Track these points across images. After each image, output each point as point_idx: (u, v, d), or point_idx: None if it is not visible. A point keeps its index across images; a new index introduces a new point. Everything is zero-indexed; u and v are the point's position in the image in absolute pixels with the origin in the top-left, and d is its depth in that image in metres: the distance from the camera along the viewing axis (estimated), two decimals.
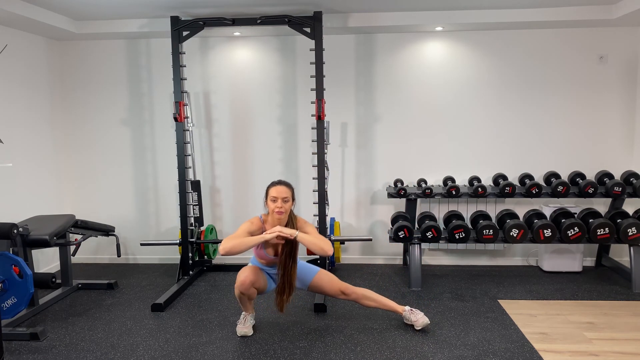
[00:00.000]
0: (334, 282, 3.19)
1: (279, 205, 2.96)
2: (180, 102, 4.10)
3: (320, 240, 2.94)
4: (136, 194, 4.86)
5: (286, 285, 3.03)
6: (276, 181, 3.06)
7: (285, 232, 2.91)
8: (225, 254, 2.80)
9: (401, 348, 2.91)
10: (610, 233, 3.75)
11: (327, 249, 2.90)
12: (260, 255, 3.11)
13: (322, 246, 2.90)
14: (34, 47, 4.43)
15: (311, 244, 2.90)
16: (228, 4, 3.87)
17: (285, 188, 3.01)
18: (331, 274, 3.24)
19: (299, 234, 2.93)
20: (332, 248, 2.93)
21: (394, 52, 4.56)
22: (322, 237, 3.00)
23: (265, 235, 2.90)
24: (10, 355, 2.90)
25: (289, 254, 3.02)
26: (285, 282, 3.03)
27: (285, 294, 3.04)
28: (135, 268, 4.74)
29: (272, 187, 3.02)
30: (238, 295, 3.08)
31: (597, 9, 4.07)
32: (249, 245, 2.85)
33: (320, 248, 2.89)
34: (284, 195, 2.97)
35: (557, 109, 4.51)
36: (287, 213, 3.01)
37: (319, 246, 2.90)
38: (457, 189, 4.10)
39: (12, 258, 3.00)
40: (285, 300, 3.05)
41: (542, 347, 2.90)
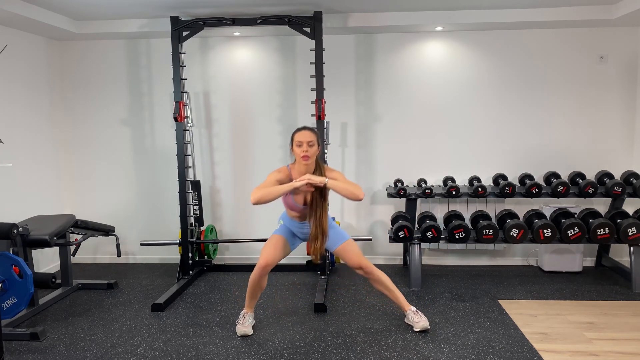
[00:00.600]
0: (357, 254, 3.12)
1: (304, 149, 2.92)
2: (180, 102, 4.10)
3: (351, 184, 2.90)
4: (136, 194, 4.86)
5: (318, 232, 2.99)
6: (300, 127, 3.04)
7: (315, 179, 2.87)
8: (255, 203, 2.80)
9: (401, 348, 2.91)
10: (610, 233, 3.75)
11: (359, 193, 2.85)
12: (290, 205, 3.05)
13: (354, 191, 2.86)
14: (34, 47, 4.43)
15: (342, 189, 2.87)
16: (228, 4, 3.87)
17: (310, 132, 2.97)
18: (357, 247, 3.17)
19: (329, 181, 2.89)
20: (363, 193, 2.88)
21: (394, 52, 4.56)
22: (352, 182, 2.93)
23: (295, 183, 2.86)
24: (10, 355, 2.90)
25: (319, 201, 2.97)
26: (317, 228, 2.98)
27: (318, 240, 3.00)
28: (135, 268, 4.74)
29: (297, 133, 2.99)
30: (256, 278, 3.06)
31: (597, 9, 4.07)
32: (278, 193, 2.84)
33: (352, 192, 2.85)
34: (308, 139, 2.93)
35: (557, 109, 4.51)
36: (313, 158, 2.97)
37: (350, 191, 2.86)
38: (457, 189, 4.10)
39: (12, 258, 3.00)
40: (319, 248, 3.00)
41: (542, 347, 2.90)
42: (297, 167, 3.02)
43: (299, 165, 3.00)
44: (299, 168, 3.01)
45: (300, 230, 3.18)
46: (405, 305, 3.21)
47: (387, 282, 3.18)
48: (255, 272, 3.09)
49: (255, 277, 3.09)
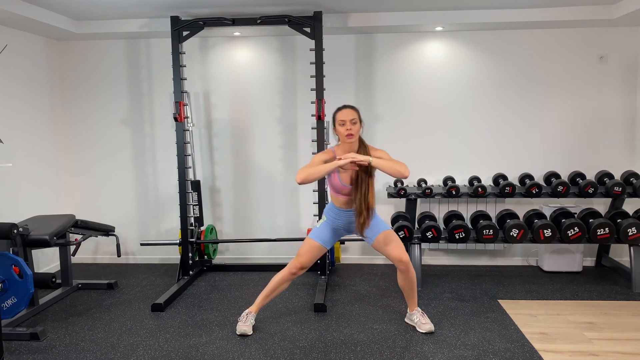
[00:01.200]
0: (402, 247, 3.07)
1: (348, 127, 2.89)
2: (180, 102, 4.10)
3: (396, 162, 2.86)
4: (136, 193, 4.86)
5: (363, 207, 2.95)
6: (341, 106, 2.99)
7: (359, 157, 2.84)
8: (301, 182, 2.80)
9: (401, 348, 2.91)
10: (610, 233, 3.75)
11: (404, 170, 2.82)
12: (337, 185, 3.00)
13: (399, 168, 2.83)
14: (34, 47, 4.43)
15: (387, 167, 2.83)
16: (228, 4, 3.87)
17: (351, 110, 2.94)
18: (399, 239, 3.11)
19: (373, 159, 2.85)
20: (409, 170, 2.85)
21: (394, 52, 4.56)
22: (397, 160, 2.91)
23: (339, 161, 2.83)
24: (10, 355, 2.90)
25: (364, 178, 2.94)
26: (362, 203, 2.94)
27: (362, 215, 2.96)
28: (135, 268, 4.74)
29: (338, 112, 2.96)
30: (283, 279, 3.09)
31: (597, 9, 4.07)
32: (323, 171, 2.83)
33: (397, 170, 2.82)
34: (351, 117, 2.90)
35: (558, 108, 4.51)
36: (357, 136, 2.94)
37: (396, 169, 2.83)
38: (457, 189, 4.10)
39: (12, 258, 3.00)
40: (363, 223, 2.97)
41: (542, 347, 2.90)
42: (342, 146, 3.00)
43: (343, 145, 2.98)
44: (343, 147, 2.99)
45: (347, 219, 3.09)
46: (414, 305, 3.21)
47: (414, 282, 3.16)
48: (284, 273, 3.11)
49: (283, 278, 3.12)
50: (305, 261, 3.09)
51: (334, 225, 3.14)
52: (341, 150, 2.99)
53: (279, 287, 3.17)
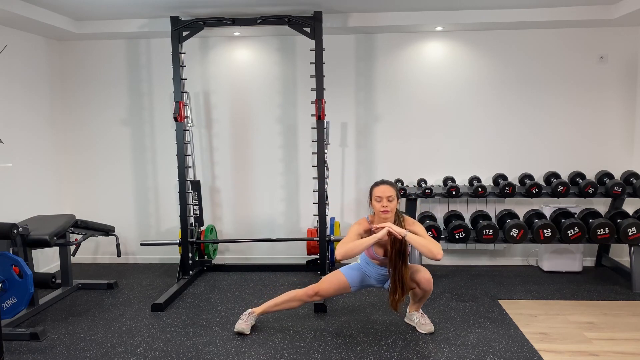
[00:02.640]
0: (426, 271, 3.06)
1: (384, 204, 2.91)
2: (180, 102, 4.10)
3: (430, 242, 2.85)
4: (136, 194, 4.86)
5: (398, 285, 2.96)
6: (379, 181, 3.02)
7: (395, 229, 2.86)
8: (341, 259, 2.85)
9: (401, 348, 2.91)
10: (610, 233, 3.75)
11: (436, 252, 2.80)
12: (371, 255, 3.07)
13: (432, 249, 2.81)
14: (34, 47, 4.43)
15: (421, 245, 2.83)
16: (228, 4, 3.87)
17: (389, 187, 2.95)
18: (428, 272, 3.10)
19: (409, 234, 2.86)
20: (442, 252, 2.83)
21: (394, 52, 4.56)
22: (432, 239, 2.90)
23: (377, 235, 2.87)
24: (10, 355, 2.90)
25: (398, 253, 2.95)
26: (397, 282, 2.96)
27: (397, 293, 2.97)
28: (135, 268, 4.74)
29: (376, 187, 2.98)
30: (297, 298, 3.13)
31: (597, 9, 4.07)
32: (362, 247, 2.86)
33: (430, 251, 2.81)
34: (388, 194, 2.92)
35: (557, 109, 4.51)
36: (393, 212, 2.96)
37: (429, 249, 2.82)
38: (457, 189, 4.10)
39: (12, 258, 3.00)
40: (398, 299, 2.97)
41: (542, 347, 2.90)
42: (377, 219, 3.01)
43: (378, 219, 2.99)
44: (378, 221, 2.99)
45: (377, 272, 3.14)
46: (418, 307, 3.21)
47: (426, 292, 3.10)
48: (300, 292, 3.13)
49: (296, 295, 3.14)
50: (324, 289, 3.11)
51: (366, 271, 3.17)
52: (376, 223, 2.99)
53: (290, 303, 3.16)
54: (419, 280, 3.04)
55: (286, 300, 3.17)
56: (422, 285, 3.04)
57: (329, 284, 3.13)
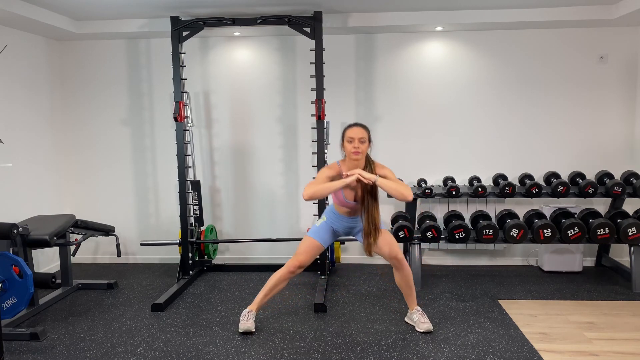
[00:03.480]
0: (395, 245, 3.13)
1: (355, 145, 2.92)
2: (180, 102, 4.10)
3: (401, 185, 2.90)
4: (136, 194, 4.85)
5: (371, 228, 3.00)
6: (352, 123, 3.03)
7: (365, 175, 2.87)
8: (308, 199, 2.85)
9: (401, 348, 2.91)
10: (610, 233, 3.75)
11: (407, 194, 2.87)
12: (341, 201, 3.05)
13: (402, 191, 2.87)
14: (34, 47, 4.43)
15: (391, 189, 2.88)
16: (228, 4, 3.87)
17: (361, 129, 2.96)
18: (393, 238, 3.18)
19: (379, 179, 2.89)
20: (412, 194, 2.89)
21: (394, 52, 4.56)
22: (402, 182, 2.94)
23: (346, 180, 2.87)
24: (10, 355, 2.90)
25: (370, 196, 2.98)
26: (370, 225, 2.99)
27: (371, 236, 3.01)
28: (135, 268, 4.74)
29: (348, 129, 2.98)
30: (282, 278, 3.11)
31: (597, 9, 4.07)
32: (330, 190, 2.87)
33: (401, 193, 2.86)
34: (360, 136, 2.92)
35: (557, 109, 4.51)
36: (364, 154, 2.97)
37: (400, 191, 2.87)
38: (457, 189, 4.10)
39: (12, 258, 3.00)
40: (372, 242, 3.02)
41: (542, 347, 2.90)
42: (347, 163, 3.02)
43: (349, 162, 3.00)
44: (349, 164, 3.01)
45: (348, 225, 3.15)
46: (413, 304, 3.23)
47: (410, 279, 3.18)
48: (282, 272, 3.12)
49: (281, 277, 3.13)
50: (304, 260, 3.12)
51: (333, 226, 3.19)
52: (347, 166, 3.01)
53: (278, 286, 3.19)
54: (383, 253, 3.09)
55: (274, 286, 3.17)
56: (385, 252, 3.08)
57: (305, 253, 3.12)
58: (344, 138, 2.98)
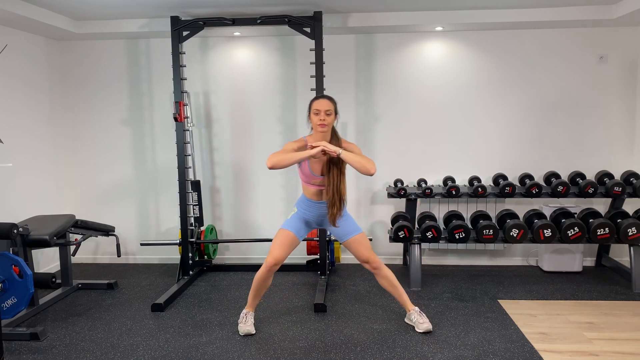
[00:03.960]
0: (368, 248, 3.14)
1: (321, 117, 2.92)
2: (180, 102, 4.10)
3: (365, 159, 2.89)
4: (136, 194, 4.86)
5: (336, 198, 2.99)
6: (319, 95, 3.04)
7: (330, 147, 2.87)
8: (271, 167, 2.82)
9: (401, 348, 2.91)
10: (610, 233, 3.75)
11: (370, 167, 2.86)
12: (307, 175, 3.03)
13: (366, 164, 2.87)
14: (34, 47, 4.43)
15: (355, 162, 2.87)
16: (228, 4, 3.87)
17: (328, 101, 2.97)
18: (368, 241, 3.17)
19: (343, 152, 2.88)
20: (375, 168, 2.89)
21: (394, 52, 4.56)
22: (367, 157, 2.94)
23: (311, 151, 2.87)
24: (10, 355, 2.90)
25: (335, 169, 2.98)
26: (335, 195, 2.99)
27: (335, 207, 3.00)
28: (135, 268, 4.74)
29: (315, 101, 2.99)
30: (263, 277, 3.07)
31: (597, 9, 4.07)
32: (294, 159, 2.85)
33: (364, 166, 2.86)
34: (326, 108, 2.93)
35: (557, 108, 4.51)
36: (329, 127, 2.97)
37: (363, 164, 2.87)
38: (457, 189, 4.10)
39: (12, 258, 3.00)
40: (336, 213, 3.01)
41: (542, 347, 2.90)
42: (314, 136, 3.02)
43: (316, 134, 3.00)
44: (315, 137, 3.01)
45: (318, 212, 3.13)
46: (408, 304, 3.22)
47: (392, 279, 3.18)
48: (262, 271, 3.09)
49: (262, 276, 3.09)
50: (278, 255, 3.05)
51: (305, 217, 3.16)
52: (313, 139, 3.01)
53: (264, 284, 3.14)
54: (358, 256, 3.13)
55: (260, 286, 3.13)
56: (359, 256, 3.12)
57: (280, 248, 3.06)
58: (311, 110, 2.99)
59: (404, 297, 3.22)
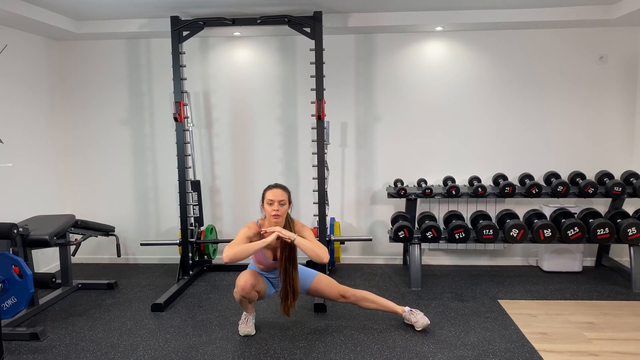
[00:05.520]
0: (332, 285, 3.19)
1: (275, 208, 2.96)
2: (180, 102, 4.10)
3: (317, 246, 2.92)
4: (136, 194, 4.86)
5: (289, 290, 3.03)
6: (272, 185, 3.07)
7: (284, 233, 2.91)
8: (229, 261, 2.82)
9: (401, 348, 2.91)
10: (610, 233, 3.75)
11: (323, 255, 2.89)
12: (259, 260, 3.09)
13: (319, 252, 2.89)
14: (34, 47, 4.43)
15: (308, 249, 2.90)
16: (228, 4, 3.87)
17: (282, 191, 3.00)
18: (330, 278, 3.23)
19: (297, 238, 2.92)
20: (328, 255, 2.92)
21: (394, 52, 4.56)
22: (319, 243, 2.97)
23: (266, 239, 2.89)
24: (10, 355, 2.90)
25: (288, 258, 3.00)
26: (287, 287, 3.03)
27: (289, 299, 3.04)
28: (135, 268, 4.74)
29: (268, 191, 3.02)
30: (239, 299, 3.08)
31: (597, 9, 4.07)
32: (250, 251, 2.86)
33: (317, 254, 2.89)
34: (280, 199, 2.97)
35: (557, 109, 4.51)
36: (283, 217, 3.01)
37: (315, 252, 2.89)
38: (457, 189, 4.10)
39: (12, 258, 3.00)
40: (290, 304, 3.05)
41: (542, 347, 2.90)
42: (267, 223, 3.04)
43: (269, 223, 3.02)
44: (269, 224, 3.02)
45: (268, 275, 3.19)
46: (397, 309, 3.22)
47: (371, 297, 3.21)
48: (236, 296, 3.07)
49: (238, 298, 3.07)
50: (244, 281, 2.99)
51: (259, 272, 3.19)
52: (267, 226, 3.02)
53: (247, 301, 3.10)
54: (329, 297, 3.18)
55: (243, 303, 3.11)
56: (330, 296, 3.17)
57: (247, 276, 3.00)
58: (264, 199, 3.02)
59: (390, 306, 3.22)
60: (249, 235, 2.98)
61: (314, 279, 3.19)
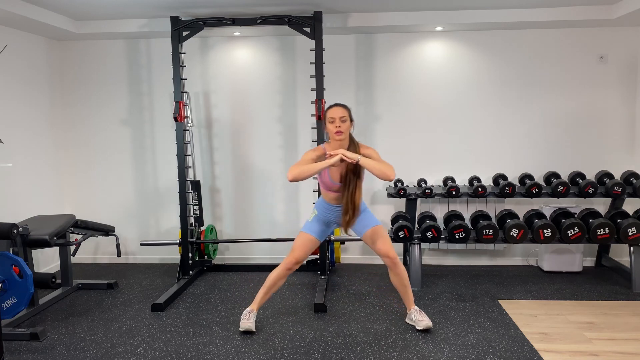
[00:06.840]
0: (387, 241, 3.14)
1: (337, 124, 2.93)
2: (180, 102, 4.10)
3: (384, 164, 2.89)
4: (136, 194, 4.86)
5: (349, 207, 3.01)
6: (332, 104, 3.04)
7: (348, 154, 2.86)
8: (292, 180, 2.83)
9: (401, 348, 2.91)
10: (610, 233, 3.75)
11: (390, 173, 2.86)
12: (327, 183, 3.05)
13: (385, 170, 2.86)
14: (34, 47, 4.43)
15: (374, 168, 2.86)
16: (228, 4, 3.87)
17: (342, 108, 2.98)
18: (387, 235, 3.19)
19: (362, 158, 2.88)
20: (395, 173, 2.89)
21: (394, 52, 4.56)
22: (386, 162, 2.94)
23: (330, 160, 2.86)
24: (10, 355, 2.90)
25: (352, 177, 2.99)
26: (349, 203, 3.00)
27: (348, 214, 3.02)
28: (135, 268, 4.74)
29: (329, 109, 3.00)
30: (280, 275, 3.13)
31: (597, 9, 4.07)
32: (314, 170, 2.85)
33: (383, 172, 2.85)
34: (340, 115, 2.94)
35: (558, 108, 4.51)
36: (346, 133, 2.98)
37: (382, 170, 2.86)
38: (457, 189, 4.10)
39: (12, 258, 3.00)
40: (348, 221, 3.04)
41: (542, 347, 2.90)
42: (332, 144, 3.03)
43: (333, 142, 3.01)
44: (333, 145, 3.01)
45: (338, 214, 3.15)
46: (411, 303, 3.24)
47: (405, 279, 3.21)
48: (280, 270, 3.15)
49: (278, 275, 3.15)
50: (299, 255, 3.14)
51: (325, 219, 3.19)
52: (331, 147, 3.02)
53: (277, 284, 3.22)
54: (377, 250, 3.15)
55: (273, 283, 3.20)
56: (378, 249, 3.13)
57: (301, 249, 3.14)
58: (326, 119, 3.00)
59: (410, 296, 3.24)
60: (313, 158, 2.96)
61: (376, 226, 3.14)
